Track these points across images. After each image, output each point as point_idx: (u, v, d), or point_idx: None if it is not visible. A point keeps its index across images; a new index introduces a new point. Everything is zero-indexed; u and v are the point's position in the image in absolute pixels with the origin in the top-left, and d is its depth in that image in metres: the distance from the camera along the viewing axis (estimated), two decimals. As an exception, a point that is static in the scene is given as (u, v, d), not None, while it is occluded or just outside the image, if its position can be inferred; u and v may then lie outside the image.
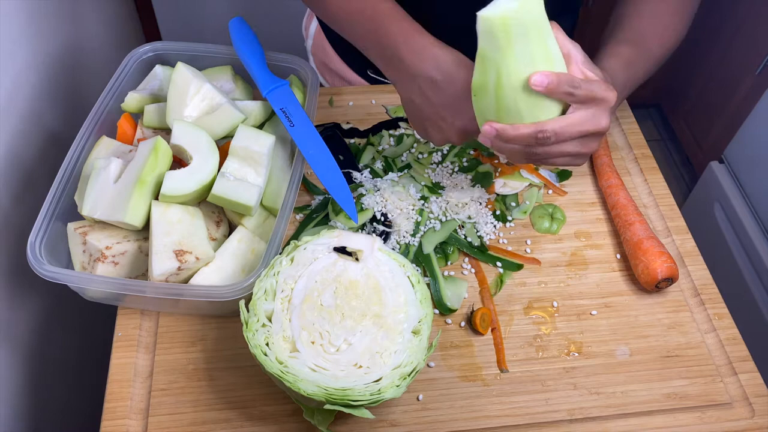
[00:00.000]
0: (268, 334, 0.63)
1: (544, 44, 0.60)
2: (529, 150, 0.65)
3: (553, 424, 0.70)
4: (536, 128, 0.63)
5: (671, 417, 0.71)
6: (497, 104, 0.63)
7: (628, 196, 0.86)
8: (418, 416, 0.70)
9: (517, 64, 0.60)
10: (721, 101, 1.84)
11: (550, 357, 0.74)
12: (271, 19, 1.67)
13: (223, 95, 0.82)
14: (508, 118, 0.64)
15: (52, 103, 1.02)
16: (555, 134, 0.63)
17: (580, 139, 0.64)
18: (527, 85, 0.60)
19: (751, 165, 1.51)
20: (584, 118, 0.63)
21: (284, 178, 0.79)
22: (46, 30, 1.02)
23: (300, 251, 0.68)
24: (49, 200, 0.73)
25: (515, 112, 0.63)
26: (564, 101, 0.63)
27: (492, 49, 0.60)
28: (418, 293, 0.67)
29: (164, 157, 0.73)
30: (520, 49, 0.59)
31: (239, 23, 0.86)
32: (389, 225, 0.82)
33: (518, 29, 0.58)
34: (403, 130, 0.95)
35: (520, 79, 0.60)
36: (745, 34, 1.75)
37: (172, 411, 0.69)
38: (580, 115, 0.63)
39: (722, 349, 0.76)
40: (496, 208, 0.87)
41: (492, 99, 0.63)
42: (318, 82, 0.87)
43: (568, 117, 0.63)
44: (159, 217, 0.71)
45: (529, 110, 0.62)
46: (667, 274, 0.76)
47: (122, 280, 0.71)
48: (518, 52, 0.59)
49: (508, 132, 0.64)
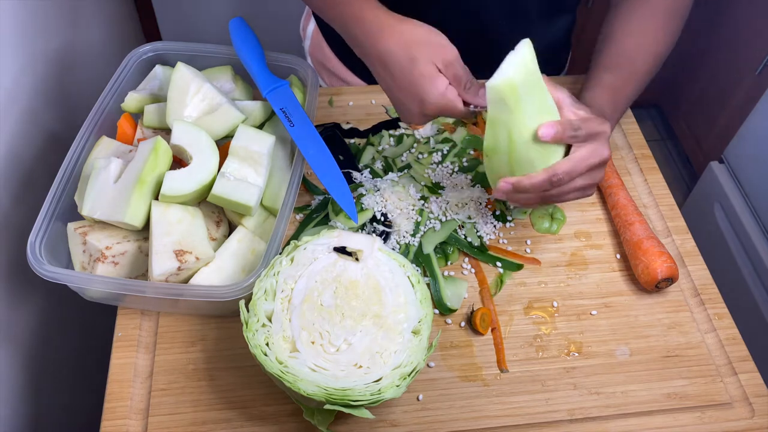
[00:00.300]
0: (268, 334, 0.63)
1: (543, 97, 0.66)
2: (544, 194, 0.70)
3: (553, 424, 0.70)
4: (549, 174, 0.68)
5: (671, 417, 0.71)
6: (510, 160, 0.68)
7: (628, 196, 0.86)
8: (418, 416, 0.70)
9: (525, 122, 0.65)
10: (721, 101, 1.84)
11: (550, 357, 0.74)
12: (270, 19, 1.67)
13: (223, 95, 0.82)
14: (520, 170, 0.69)
15: (52, 103, 1.02)
16: (567, 174, 0.68)
17: (588, 172, 0.70)
18: (536, 137, 0.66)
19: (751, 165, 1.51)
20: (588, 153, 0.68)
21: (284, 178, 0.79)
22: (47, 30, 1.02)
23: (300, 251, 0.68)
24: (49, 200, 0.73)
25: (527, 164, 0.68)
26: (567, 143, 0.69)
27: (502, 113, 0.66)
28: (418, 293, 0.67)
29: (164, 157, 0.73)
30: (527, 107, 0.65)
31: (239, 23, 0.86)
32: (389, 225, 0.82)
33: (523, 90, 0.63)
34: (403, 130, 0.95)
35: (530, 134, 0.66)
36: (745, 34, 1.75)
37: (172, 411, 0.69)
38: (584, 152, 0.68)
39: (722, 349, 0.76)
40: (496, 208, 0.87)
41: (505, 157, 0.68)
42: (318, 82, 0.87)
43: (574, 156, 0.68)
44: (159, 217, 0.71)
45: (540, 158, 0.68)
46: (667, 274, 0.76)
47: (122, 280, 0.71)
48: (525, 110, 0.65)
49: (524, 183, 0.69)
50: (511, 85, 0.63)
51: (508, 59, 0.63)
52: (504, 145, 0.67)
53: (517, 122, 0.65)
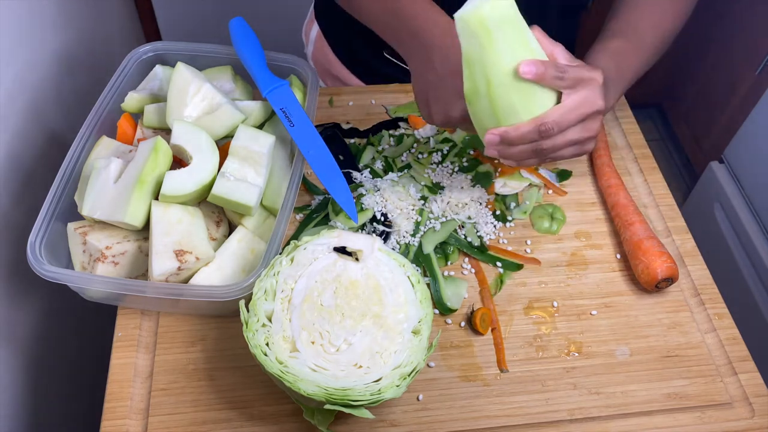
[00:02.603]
0: (268, 334, 0.63)
1: (524, 40, 0.62)
2: (536, 147, 0.66)
3: (553, 424, 0.70)
4: (537, 122, 0.64)
5: (671, 417, 0.71)
6: (492, 106, 0.64)
7: (628, 196, 0.86)
8: (418, 416, 0.70)
9: (502, 59, 0.61)
10: (721, 101, 1.84)
11: (550, 357, 0.74)
12: (271, 20, 1.66)
13: (223, 95, 0.82)
14: (506, 119, 0.65)
15: (52, 103, 1.02)
16: (556, 123, 0.64)
17: (580, 123, 0.66)
18: (517, 77, 0.61)
19: (751, 165, 1.51)
20: (579, 101, 0.64)
21: (284, 178, 0.79)
22: (46, 30, 1.02)
23: (300, 251, 0.68)
24: (49, 200, 0.73)
25: (511, 111, 0.64)
26: (556, 92, 0.64)
27: (475, 50, 0.61)
28: (418, 293, 0.67)
29: (164, 157, 0.73)
30: (502, 44, 0.60)
31: (239, 23, 0.86)
32: (389, 225, 0.82)
33: (495, 24, 0.59)
34: (403, 130, 0.95)
35: (508, 72, 0.61)
36: (745, 34, 1.75)
37: (172, 411, 0.69)
38: (575, 99, 0.64)
39: (722, 349, 0.76)
40: (496, 208, 0.87)
41: (486, 102, 0.64)
42: (318, 82, 0.87)
43: (564, 104, 0.64)
44: (159, 217, 0.71)
45: (524, 105, 0.64)
46: (667, 274, 0.76)
47: (122, 280, 0.71)
48: (501, 48, 0.61)
49: (510, 134, 0.65)
50: (479, 17, 0.59)
51: None
52: (483, 89, 0.63)
53: (493, 61, 0.61)
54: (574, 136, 0.66)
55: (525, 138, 0.65)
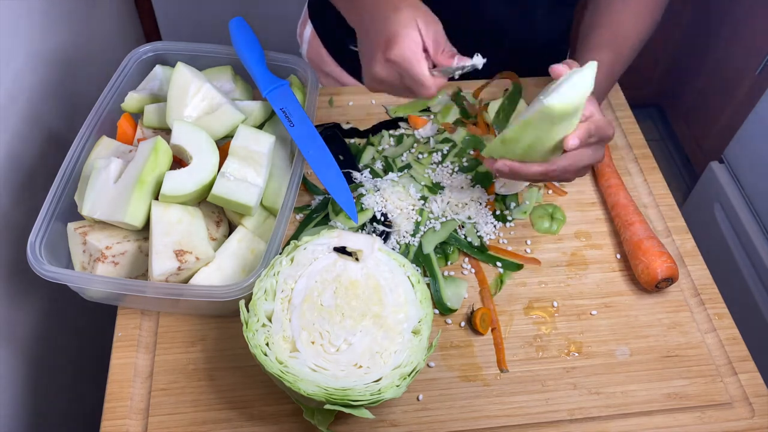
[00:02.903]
0: (268, 334, 0.63)
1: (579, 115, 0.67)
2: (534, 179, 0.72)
3: (553, 424, 0.70)
4: (546, 168, 0.70)
5: (671, 417, 0.71)
6: (523, 154, 0.69)
7: (628, 196, 0.86)
8: (418, 416, 0.70)
9: (554, 137, 0.67)
10: (721, 101, 1.84)
11: (550, 357, 0.74)
12: (270, 20, 1.66)
13: (223, 95, 0.82)
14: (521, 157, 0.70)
15: (52, 103, 1.02)
16: (562, 170, 0.70)
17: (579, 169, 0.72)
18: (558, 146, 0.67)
19: (751, 165, 1.51)
20: (586, 154, 0.70)
21: (284, 178, 0.79)
22: (46, 30, 1.02)
23: (300, 251, 0.68)
24: (49, 200, 0.73)
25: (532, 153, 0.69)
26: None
27: (541, 125, 0.65)
28: (418, 293, 0.67)
29: (164, 157, 0.73)
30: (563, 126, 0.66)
31: (239, 23, 0.86)
32: (389, 225, 0.82)
33: (570, 116, 0.65)
34: (403, 130, 0.95)
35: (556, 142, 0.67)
36: (745, 34, 1.75)
37: (172, 411, 0.69)
38: (584, 153, 0.70)
39: (722, 349, 0.76)
40: (496, 208, 0.87)
41: (519, 151, 0.69)
42: (318, 82, 0.87)
43: (574, 155, 0.69)
44: (159, 217, 0.71)
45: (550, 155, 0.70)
46: (667, 274, 0.76)
47: (122, 280, 0.71)
48: (560, 129, 0.66)
49: (522, 171, 0.70)
50: (565, 109, 0.63)
51: (573, 80, 0.63)
52: (525, 143, 0.68)
53: (551, 135, 0.66)
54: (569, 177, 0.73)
55: (531, 177, 0.71)
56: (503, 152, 0.71)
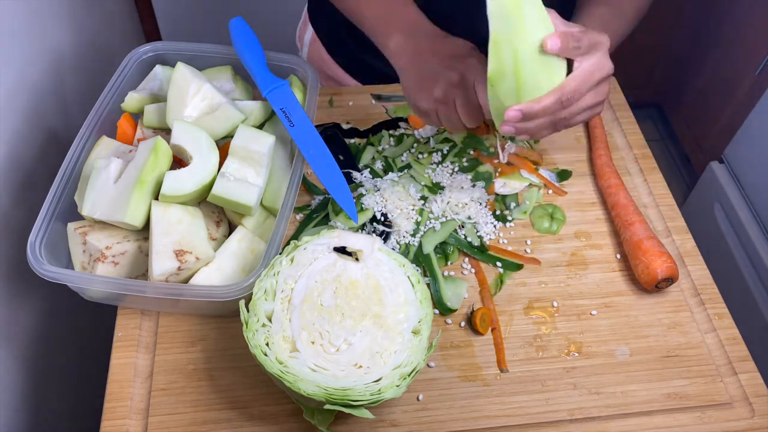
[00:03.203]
0: (268, 334, 0.63)
1: (543, 16, 0.63)
2: (554, 118, 0.67)
3: (553, 424, 0.70)
4: (558, 94, 0.65)
5: (671, 417, 0.71)
6: (518, 84, 0.64)
7: (628, 196, 0.86)
8: (418, 416, 0.70)
9: (530, 36, 0.62)
10: (721, 101, 1.84)
11: (550, 357, 0.74)
12: (270, 20, 1.66)
13: (223, 95, 0.82)
14: (528, 95, 0.65)
15: (52, 103, 1.02)
16: (575, 92, 0.65)
17: (595, 87, 0.67)
18: (542, 52, 0.63)
19: (751, 165, 1.51)
20: (593, 67, 0.66)
21: (284, 178, 0.79)
22: (46, 30, 1.02)
23: (300, 251, 0.68)
24: (49, 200, 0.73)
25: (535, 86, 0.64)
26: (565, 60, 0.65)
27: (506, 31, 0.62)
28: (418, 293, 0.67)
29: (164, 157, 0.73)
30: (529, 20, 0.61)
31: (239, 23, 0.86)
32: (389, 225, 0.82)
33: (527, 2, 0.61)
34: (403, 130, 0.95)
35: (534, 49, 0.62)
36: (745, 34, 1.75)
37: (172, 411, 0.69)
38: (589, 66, 0.65)
39: (722, 349, 0.76)
40: (496, 208, 0.87)
41: (512, 81, 0.64)
42: (318, 82, 0.87)
43: (580, 72, 0.65)
44: (159, 217, 0.71)
45: (547, 78, 0.64)
46: (667, 274, 0.76)
47: (122, 280, 0.71)
48: (528, 25, 0.62)
49: (533, 108, 0.65)
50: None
51: None
52: (510, 67, 0.63)
53: (521, 39, 0.62)
54: (589, 101, 0.67)
55: (547, 110, 0.65)
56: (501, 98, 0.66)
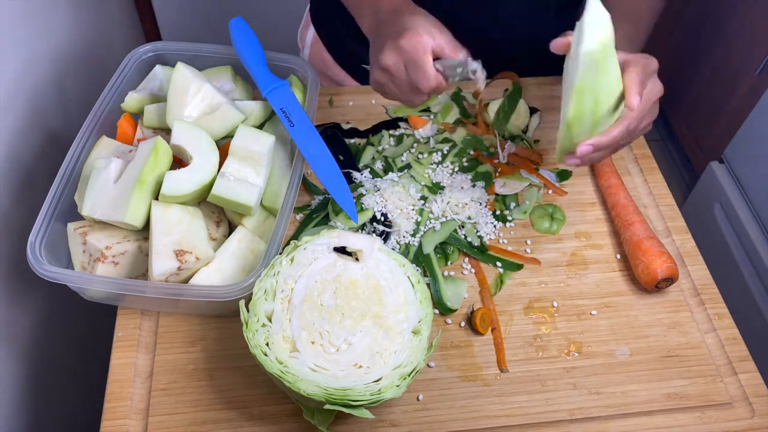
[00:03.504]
0: (268, 334, 0.63)
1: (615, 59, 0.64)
2: (618, 144, 0.70)
3: (553, 424, 0.70)
4: (625, 124, 0.67)
5: (671, 417, 0.71)
6: (592, 125, 0.66)
7: (628, 196, 0.86)
8: (418, 416, 0.70)
9: (610, 83, 0.64)
10: (721, 101, 1.84)
11: (550, 357, 0.74)
12: (271, 20, 1.67)
13: (223, 95, 0.82)
14: (597, 131, 0.67)
15: (52, 103, 1.02)
16: (637, 120, 0.68)
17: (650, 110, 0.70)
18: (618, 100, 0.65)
19: (751, 165, 1.51)
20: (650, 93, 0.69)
21: (284, 178, 0.79)
22: (46, 30, 1.02)
23: (300, 251, 0.68)
24: (49, 200, 0.73)
25: (605, 124, 0.67)
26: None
27: (591, 79, 0.63)
28: (418, 293, 0.67)
29: (164, 157, 0.73)
30: (611, 66, 0.63)
31: (239, 23, 0.86)
32: (389, 225, 0.82)
33: (611, 48, 0.62)
34: (403, 130, 0.95)
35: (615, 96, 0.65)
36: (745, 34, 1.75)
37: (172, 411, 0.69)
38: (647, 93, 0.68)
39: (722, 349, 0.76)
40: (496, 208, 0.87)
41: (588, 124, 0.66)
42: (318, 82, 0.87)
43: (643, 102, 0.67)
44: (159, 217, 0.71)
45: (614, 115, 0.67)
46: (667, 274, 0.76)
47: (122, 280, 0.71)
48: (610, 70, 0.63)
49: (603, 141, 0.67)
50: (603, 45, 0.60)
51: (589, 20, 0.61)
52: (588, 112, 0.65)
53: (603, 86, 0.64)
54: (646, 122, 0.71)
55: (616, 141, 0.68)
56: (574, 137, 0.68)
